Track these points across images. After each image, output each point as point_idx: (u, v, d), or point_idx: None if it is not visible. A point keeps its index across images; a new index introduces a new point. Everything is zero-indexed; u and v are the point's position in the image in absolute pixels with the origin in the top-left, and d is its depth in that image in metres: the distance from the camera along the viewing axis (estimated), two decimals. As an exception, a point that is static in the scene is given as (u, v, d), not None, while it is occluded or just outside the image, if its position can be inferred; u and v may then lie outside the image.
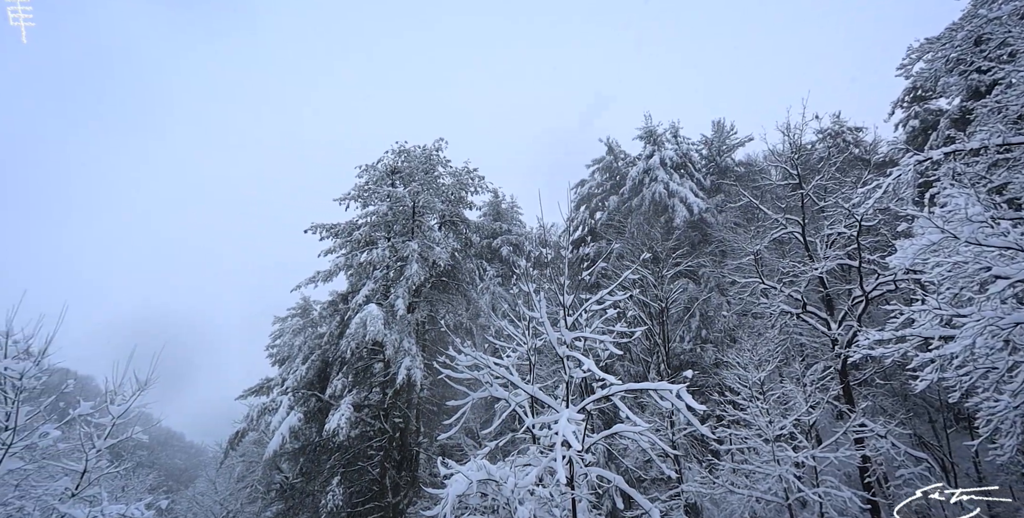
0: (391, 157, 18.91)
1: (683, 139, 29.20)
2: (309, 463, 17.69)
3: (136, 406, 9.52)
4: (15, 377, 7.70)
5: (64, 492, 8.48)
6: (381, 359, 17.65)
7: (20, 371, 7.60)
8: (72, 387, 9.09)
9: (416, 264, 16.64)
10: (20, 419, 7.85)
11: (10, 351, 8.02)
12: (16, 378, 7.71)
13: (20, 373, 7.63)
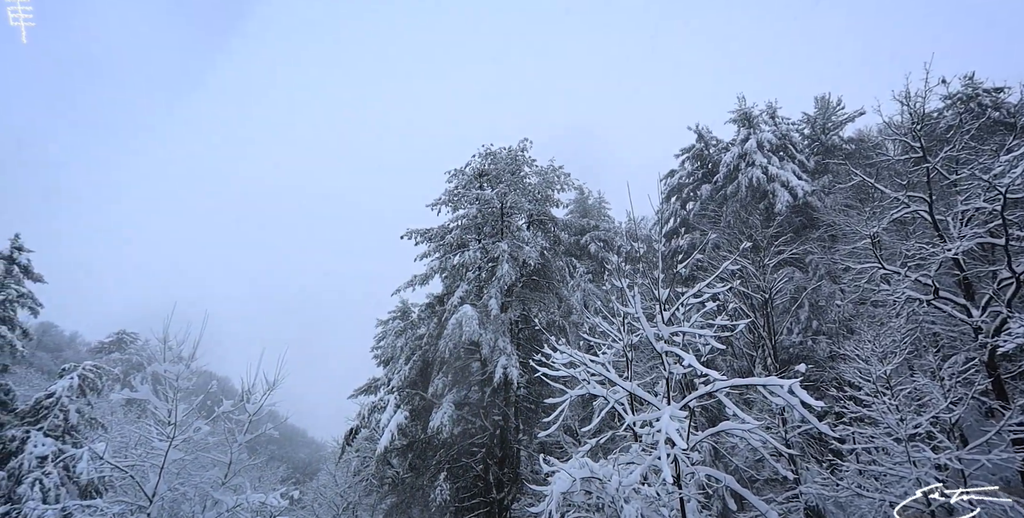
0: (478, 160, 19.46)
1: (782, 119, 27.25)
2: (417, 459, 18.56)
3: (266, 405, 10.60)
4: (173, 378, 8.91)
5: (215, 481, 9.64)
6: (478, 358, 18.18)
7: (176, 373, 8.79)
8: (215, 387, 10.32)
9: (507, 264, 16.98)
10: (178, 415, 9.06)
11: (167, 356, 9.28)
12: (174, 379, 8.92)
13: (176, 375, 8.81)
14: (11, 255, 15.28)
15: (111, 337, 36.96)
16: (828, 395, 12.42)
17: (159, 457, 9.27)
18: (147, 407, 10.77)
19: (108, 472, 15.10)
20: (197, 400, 9.93)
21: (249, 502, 9.26)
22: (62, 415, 16.56)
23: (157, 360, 9.80)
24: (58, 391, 16.76)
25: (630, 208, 23.05)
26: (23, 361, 17.74)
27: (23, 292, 15.43)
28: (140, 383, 9.49)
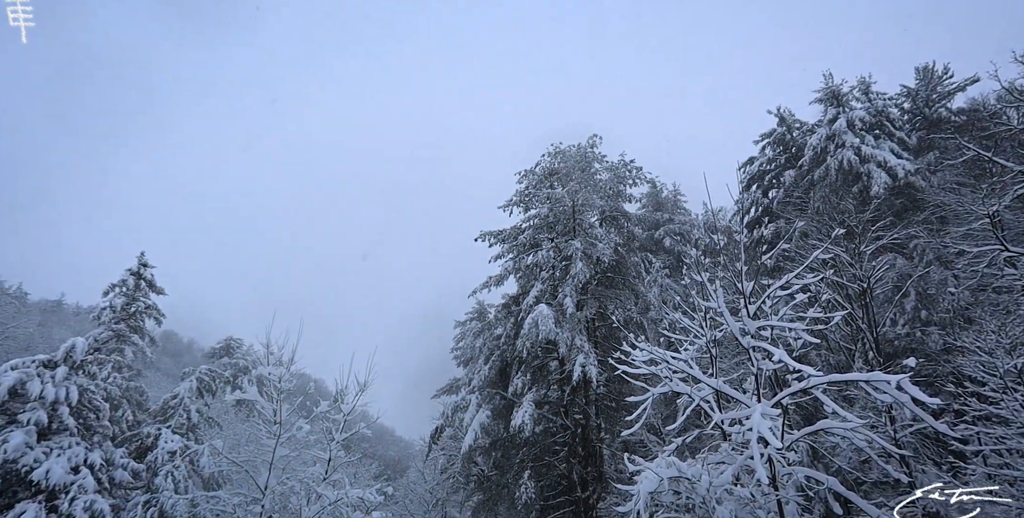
0: (547, 159, 19.52)
1: (876, 95, 25.06)
2: (501, 457, 18.87)
3: (359, 406, 11.24)
4: (276, 380, 9.70)
5: (318, 476, 10.37)
6: (555, 357, 18.21)
7: (279, 376, 9.55)
8: (313, 389, 11.07)
9: (580, 262, 16.90)
10: (283, 415, 9.84)
11: (270, 360, 10.12)
12: (277, 381, 9.70)
13: (279, 377, 9.58)
14: (139, 271, 17.22)
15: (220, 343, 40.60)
16: (945, 391, 11.30)
17: (268, 453, 10.10)
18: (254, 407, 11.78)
19: (225, 466, 16.65)
20: (298, 401, 10.72)
21: (349, 497, 9.88)
22: (185, 414, 18.40)
23: (261, 364, 10.70)
24: (181, 393, 18.64)
25: (707, 200, 22.04)
26: (152, 366, 19.89)
27: (149, 304, 17.36)
28: (248, 385, 10.41)
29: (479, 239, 18.95)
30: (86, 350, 16.34)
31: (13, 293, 30.25)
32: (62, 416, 15.30)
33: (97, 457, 15.68)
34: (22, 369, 14.86)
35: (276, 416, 10.12)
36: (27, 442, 14.34)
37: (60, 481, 14.45)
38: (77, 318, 45.50)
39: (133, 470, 17.05)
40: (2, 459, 13.79)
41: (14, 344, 25.61)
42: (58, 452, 14.84)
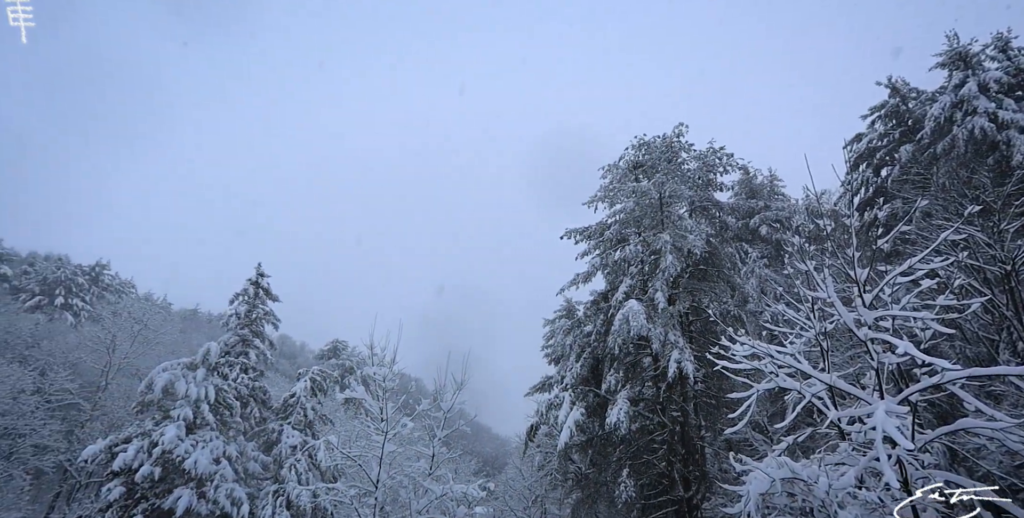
0: (631, 152, 19.12)
1: (1017, 51, 21.95)
2: (597, 455, 18.73)
3: (457, 404, 11.67)
4: (380, 380, 10.34)
5: (423, 471, 10.89)
6: (648, 353, 17.78)
7: (383, 375, 10.17)
8: (414, 387, 11.66)
9: (670, 255, 16.37)
10: (388, 412, 10.46)
11: (373, 360, 10.80)
12: (381, 381, 10.34)
13: (383, 377, 10.20)
14: (257, 280, 19.06)
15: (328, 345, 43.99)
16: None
17: (378, 449, 10.77)
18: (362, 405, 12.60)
19: (340, 460, 17.96)
20: (401, 399, 11.33)
21: (453, 491, 10.30)
22: (302, 412, 20.03)
23: (366, 364, 11.43)
24: (298, 392, 20.33)
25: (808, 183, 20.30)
26: (272, 367, 21.86)
27: (267, 310, 19.17)
28: (356, 384, 11.16)
29: (565, 237, 18.94)
30: (219, 353, 18.31)
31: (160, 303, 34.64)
32: (204, 412, 17.26)
33: (233, 450, 17.51)
34: (171, 370, 16.93)
35: (382, 413, 10.76)
36: (179, 435, 16.33)
37: (206, 470, 16.32)
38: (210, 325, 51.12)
39: (263, 462, 18.85)
40: (161, 450, 15.80)
41: (163, 349, 29.26)
42: (202, 444, 16.76)
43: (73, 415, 26.10)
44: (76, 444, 24.34)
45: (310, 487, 14.36)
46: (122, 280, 49.18)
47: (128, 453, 15.94)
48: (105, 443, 16.71)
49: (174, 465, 16.20)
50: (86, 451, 16.59)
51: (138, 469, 15.90)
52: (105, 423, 25.47)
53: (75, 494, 25.68)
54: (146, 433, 16.69)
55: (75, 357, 28.07)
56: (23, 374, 22.79)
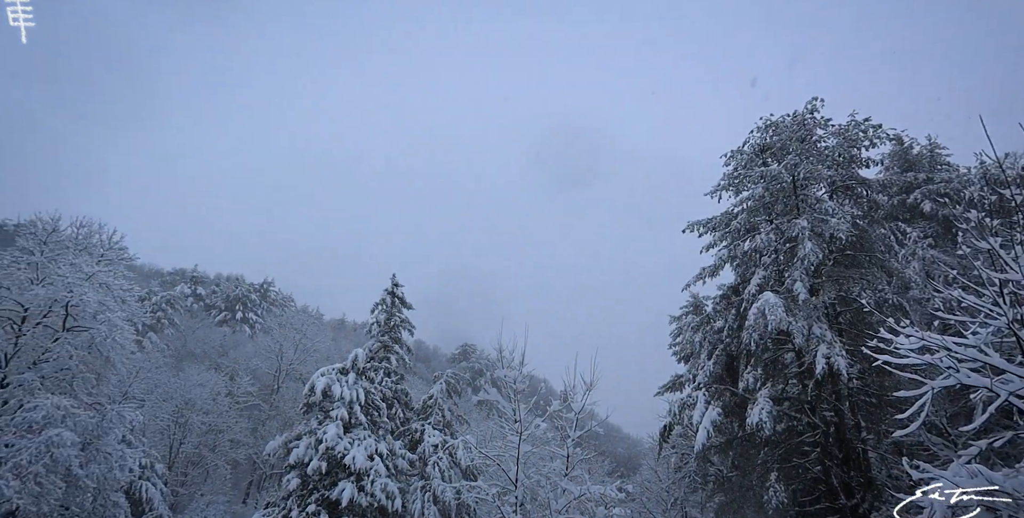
0: (757, 135, 17.74)
1: None
2: (739, 457, 17.70)
3: (587, 405, 11.70)
4: (511, 382, 10.72)
5: (559, 471, 11.08)
6: (790, 348, 16.42)
7: (514, 377, 10.53)
8: (544, 389, 11.92)
9: (809, 242, 14.94)
10: (521, 413, 10.80)
11: (503, 363, 11.22)
12: (512, 383, 10.71)
13: (514, 379, 10.56)
14: (392, 290, 20.71)
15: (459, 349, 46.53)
16: None
17: (513, 449, 11.15)
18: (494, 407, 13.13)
19: (478, 459, 18.85)
20: (532, 400, 11.63)
21: (591, 492, 10.34)
22: (440, 413, 21.31)
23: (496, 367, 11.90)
24: (435, 394, 21.67)
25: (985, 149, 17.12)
26: (410, 371, 23.51)
27: (403, 318, 20.73)
28: (489, 386, 11.65)
29: (687, 229, 18.12)
30: (365, 359, 20.14)
31: (314, 314, 39.15)
32: (356, 413, 19.07)
33: (384, 447, 19.13)
34: (328, 375, 18.94)
35: (515, 415, 11.13)
36: (338, 433, 18.21)
37: (362, 466, 18.02)
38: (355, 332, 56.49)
39: (409, 460, 20.37)
40: (325, 446, 17.74)
41: (319, 355, 32.98)
42: (357, 442, 18.53)
43: (256, 414, 30.29)
44: (259, 439, 28.23)
45: (454, 484, 15.27)
46: (283, 295, 56.20)
47: (299, 449, 18.11)
48: (281, 439, 19.13)
49: (336, 460, 18.09)
50: (268, 446, 19.13)
51: (308, 463, 17.99)
52: (280, 421, 29.24)
53: (263, 483, 29.76)
54: (312, 431, 18.84)
55: (254, 364, 32.64)
56: (218, 379, 26.97)
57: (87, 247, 13.64)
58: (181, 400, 24.65)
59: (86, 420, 12.62)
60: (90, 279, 13.02)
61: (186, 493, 24.69)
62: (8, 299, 12.21)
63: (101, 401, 14.17)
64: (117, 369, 14.53)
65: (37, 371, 12.60)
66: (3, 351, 12.27)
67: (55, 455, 11.43)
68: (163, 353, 26.73)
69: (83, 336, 13.34)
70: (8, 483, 10.53)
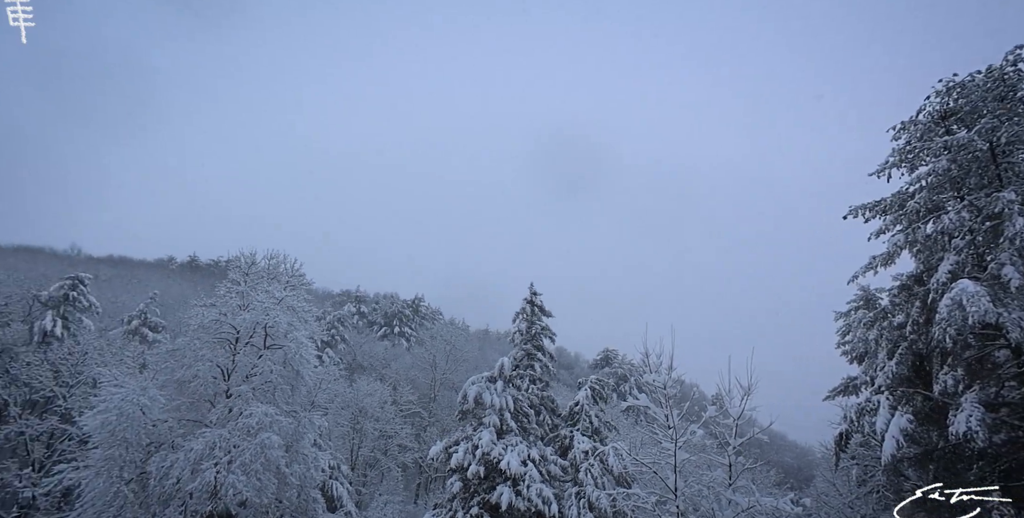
0: (935, 100, 15.02)
1: None
2: (943, 471, 15.25)
3: (746, 410, 10.91)
4: (661, 387, 10.38)
5: (722, 481, 10.46)
6: (1003, 345, 13.77)
7: (664, 382, 10.20)
8: (696, 394, 11.36)
9: (1021, 218, 12.42)
10: (675, 420, 10.41)
11: (650, 367, 10.93)
12: (662, 388, 10.37)
13: (664, 384, 10.23)
14: (532, 299, 21.29)
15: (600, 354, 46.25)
16: None
17: (669, 456, 10.76)
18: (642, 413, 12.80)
19: (631, 466, 18.46)
20: (685, 406, 11.14)
21: (761, 504, 9.56)
22: (588, 419, 21.30)
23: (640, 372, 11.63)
24: (580, 400, 21.73)
25: None
26: (554, 378, 23.88)
27: (544, 326, 21.19)
28: (634, 392, 11.41)
29: (850, 214, 16.09)
30: (511, 367, 20.91)
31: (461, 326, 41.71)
32: (507, 420, 19.83)
33: (536, 453, 19.61)
34: (478, 384, 19.98)
35: (668, 420, 10.74)
36: (492, 439, 19.08)
37: (517, 471, 18.64)
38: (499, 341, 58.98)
39: (561, 466, 20.63)
40: (481, 452, 18.69)
41: (468, 365, 34.98)
42: (511, 448, 19.23)
43: (418, 421, 32.92)
44: (423, 444, 30.58)
45: (609, 491, 15.10)
46: (432, 309, 60.64)
47: (459, 453, 19.27)
48: (442, 445, 20.53)
49: (493, 465, 18.93)
50: (431, 451, 20.64)
51: (468, 467, 19.06)
52: (439, 428, 31.43)
53: (429, 485, 32.13)
54: (468, 437, 19.96)
55: (412, 374, 35.61)
56: (383, 389, 29.85)
57: (276, 275, 16.09)
58: (356, 408, 27.64)
59: (286, 425, 14.76)
60: (280, 303, 15.34)
61: (367, 493, 27.51)
62: (226, 324, 14.86)
63: (296, 409, 16.47)
64: (305, 381, 16.81)
65: (249, 384, 15.09)
66: (226, 368, 14.92)
67: (267, 455, 13.53)
68: (338, 366, 30.30)
69: (278, 353, 15.69)
70: (239, 478, 12.71)
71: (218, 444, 13.57)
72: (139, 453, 13.64)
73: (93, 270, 35.08)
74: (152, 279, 53.49)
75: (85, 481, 13.58)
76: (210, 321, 14.87)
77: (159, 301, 35.16)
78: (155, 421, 13.97)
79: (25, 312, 28.54)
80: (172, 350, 15.19)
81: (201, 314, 15.00)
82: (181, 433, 14.58)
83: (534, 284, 21.15)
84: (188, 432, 14.63)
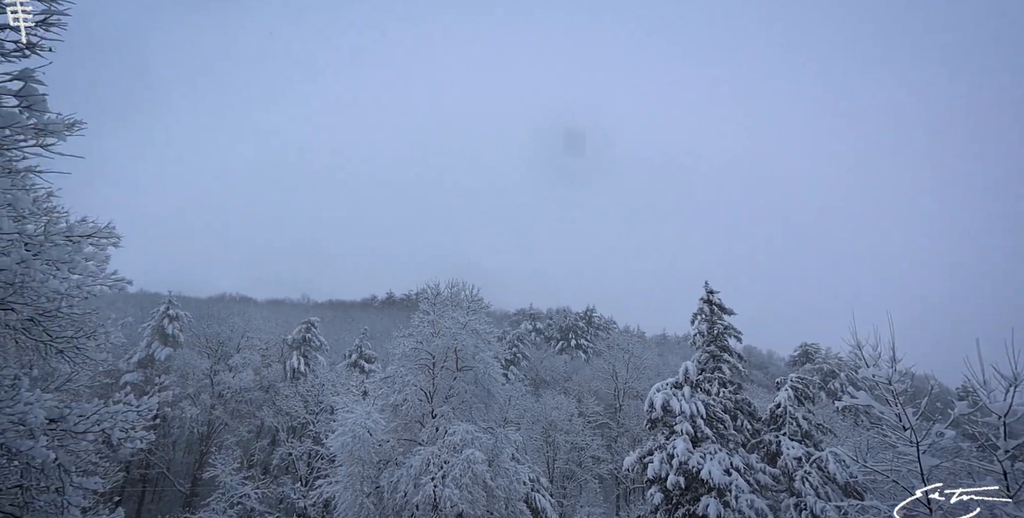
0: None
1: None
2: None
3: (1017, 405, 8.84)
4: (884, 382, 8.93)
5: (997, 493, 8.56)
6: None
7: (886, 376, 8.78)
8: (935, 388, 9.53)
9: None
10: (909, 419, 8.85)
11: (866, 360, 9.49)
12: (885, 383, 8.92)
13: (888, 379, 8.79)
14: (708, 298, 20.09)
15: (797, 350, 41.41)
16: None
17: (912, 462, 9.15)
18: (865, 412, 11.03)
19: (859, 474, 16.06)
20: (922, 402, 9.39)
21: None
22: (794, 422, 19.19)
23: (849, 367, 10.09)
24: (782, 401, 19.70)
25: None
26: (746, 379, 22.07)
27: (726, 325, 19.79)
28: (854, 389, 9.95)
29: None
30: (696, 371, 19.83)
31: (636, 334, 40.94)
32: (700, 426, 18.75)
33: (739, 461, 18.18)
34: (663, 391, 19.30)
35: (903, 421, 9.17)
36: (687, 448, 18.19)
37: (720, 481, 17.44)
38: (679, 346, 56.46)
39: (771, 474, 18.78)
40: (678, 461, 17.92)
41: (649, 372, 34.04)
42: (709, 456, 18.09)
43: (607, 432, 32.79)
44: (614, 455, 30.29)
45: (838, 502, 13.27)
46: (605, 319, 60.47)
47: (654, 464, 18.68)
48: (635, 455, 20.11)
49: (692, 475, 17.97)
50: (625, 461, 20.34)
51: (666, 478, 18.35)
52: (629, 438, 30.88)
53: (628, 496, 31.57)
54: (661, 446, 19.26)
55: (594, 386, 35.70)
56: (568, 402, 30.40)
57: (458, 302, 17.58)
58: (545, 422, 28.50)
59: (486, 441, 15.79)
60: (464, 327, 16.67)
61: (569, 505, 28.00)
62: (422, 351, 16.61)
63: (491, 425, 17.55)
64: (496, 398, 17.87)
65: (448, 404, 16.57)
66: (428, 391, 16.62)
67: (474, 470, 14.60)
68: (523, 382, 31.66)
69: (469, 373, 16.98)
70: (453, 491, 13.93)
71: (431, 460, 15.04)
72: (372, 470, 15.71)
73: (319, 314, 41.69)
74: (361, 317, 61.82)
75: (337, 494, 16.02)
76: (410, 349, 16.74)
77: (369, 335, 40.53)
78: (380, 441, 16.00)
79: (279, 354, 35.00)
80: (384, 378, 17.36)
81: (402, 344, 16.99)
82: (401, 451, 16.46)
83: (709, 282, 19.95)
84: (406, 450, 16.48)
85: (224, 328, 32.31)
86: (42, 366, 8.46)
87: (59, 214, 7.95)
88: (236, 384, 29.16)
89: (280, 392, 28.94)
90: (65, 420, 7.20)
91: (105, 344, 8.37)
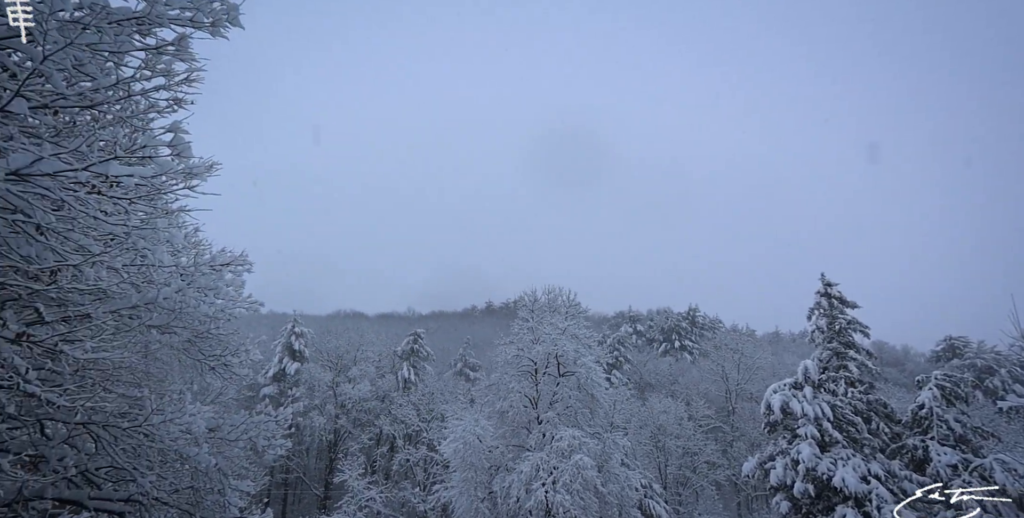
0: None
1: None
2: None
3: None
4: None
5: None
6: None
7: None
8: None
9: None
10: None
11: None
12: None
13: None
14: (826, 291, 18.52)
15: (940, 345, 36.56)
16: None
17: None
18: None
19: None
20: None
21: None
22: (944, 425, 17.06)
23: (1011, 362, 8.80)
24: (925, 402, 17.61)
25: None
26: (878, 378, 20.02)
27: (850, 319, 18.10)
28: (1020, 388, 8.68)
29: None
30: (817, 370, 18.31)
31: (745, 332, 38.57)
32: (827, 430, 17.26)
33: (878, 468, 16.49)
34: (781, 392, 18.04)
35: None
36: (814, 453, 16.82)
37: (857, 489, 15.92)
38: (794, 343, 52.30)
39: (919, 482, 16.80)
40: (805, 467, 16.61)
41: (763, 372, 31.87)
42: (841, 462, 16.57)
43: (720, 436, 31.11)
44: (731, 460, 28.63)
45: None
46: (710, 318, 57.67)
47: (777, 470, 17.45)
48: (755, 461, 18.91)
49: (823, 482, 16.55)
50: (744, 467, 19.21)
51: (792, 485, 17.06)
52: (746, 442, 29.05)
53: (751, 504, 29.67)
54: (784, 451, 17.95)
55: (703, 388, 34.07)
56: (676, 405, 29.29)
57: (556, 308, 17.73)
58: (654, 426, 27.65)
59: (593, 446, 15.69)
60: (564, 333, 16.75)
61: (685, 512, 26.88)
62: (524, 357, 16.93)
63: (598, 431, 17.39)
64: (600, 403, 17.70)
65: (553, 410, 16.69)
66: (532, 397, 16.88)
67: (584, 475, 14.56)
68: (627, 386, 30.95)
69: (572, 379, 17.00)
70: (564, 497, 13.99)
71: (541, 466, 15.20)
72: (484, 475, 16.20)
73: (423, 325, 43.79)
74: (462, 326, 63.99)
75: (453, 499, 16.70)
76: (512, 356, 17.13)
77: (472, 344, 41.78)
78: (490, 447, 16.47)
79: (391, 365, 37.26)
80: (489, 385, 17.88)
81: (504, 351, 17.42)
82: (510, 457, 16.81)
83: (825, 274, 18.42)
84: (515, 456, 16.80)
85: (342, 342, 34.90)
86: (199, 381, 9.72)
87: (204, 246, 9.16)
88: (355, 394, 31.35)
89: (394, 401, 30.73)
90: (220, 429, 8.25)
91: (246, 361, 9.44)
